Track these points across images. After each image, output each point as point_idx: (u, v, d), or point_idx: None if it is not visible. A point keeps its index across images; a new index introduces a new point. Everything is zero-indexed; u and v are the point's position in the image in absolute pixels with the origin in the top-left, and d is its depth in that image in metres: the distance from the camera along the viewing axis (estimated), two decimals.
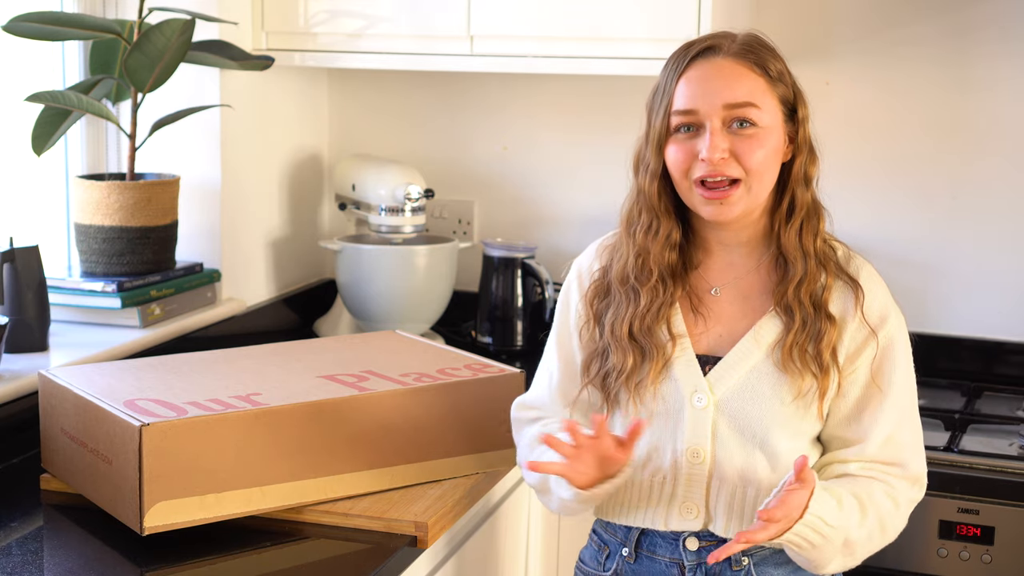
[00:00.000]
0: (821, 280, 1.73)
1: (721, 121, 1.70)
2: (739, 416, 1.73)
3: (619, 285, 1.79)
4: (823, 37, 2.83)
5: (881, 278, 1.78)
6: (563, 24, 2.59)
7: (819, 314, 1.71)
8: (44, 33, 2.30)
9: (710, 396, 1.74)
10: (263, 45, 2.77)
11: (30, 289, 2.28)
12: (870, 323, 1.73)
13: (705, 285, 1.80)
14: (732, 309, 1.78)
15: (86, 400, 1.86)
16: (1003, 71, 2.73)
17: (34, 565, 1.73)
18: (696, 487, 1.75)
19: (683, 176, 1.72)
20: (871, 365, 1.73)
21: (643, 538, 1.81)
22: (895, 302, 1.77)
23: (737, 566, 1.76)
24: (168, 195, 2.52)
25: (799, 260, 1.73)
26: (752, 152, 1.69)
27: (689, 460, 1.74)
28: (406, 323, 2.79)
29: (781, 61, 1.75)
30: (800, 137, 1.75)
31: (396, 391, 1.95)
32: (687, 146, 1.72)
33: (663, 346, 1.75)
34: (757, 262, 1.78)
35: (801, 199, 1.75)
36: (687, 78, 1.72)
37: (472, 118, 3.07)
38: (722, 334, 1.77)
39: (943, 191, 2.80)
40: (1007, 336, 2.79)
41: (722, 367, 1.75)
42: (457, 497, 1.95)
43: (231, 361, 2.08)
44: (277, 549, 1.82)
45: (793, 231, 1.74)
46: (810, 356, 1.71)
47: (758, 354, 1.74)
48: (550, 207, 3.02)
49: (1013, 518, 2.23)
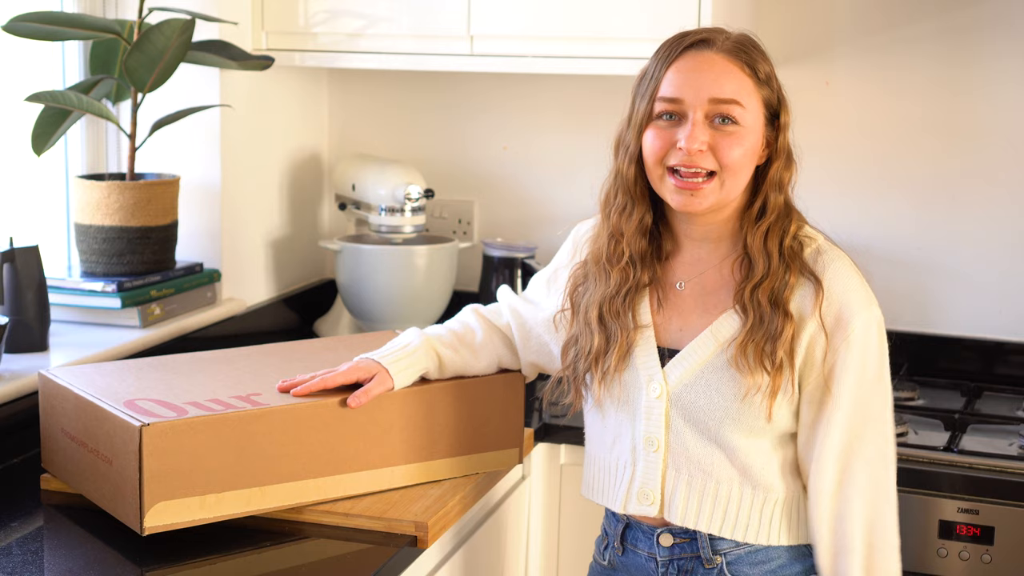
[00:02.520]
0: (784, 278, 1.73)
1: (704, 114, 1.71)
2: (691, 408, 1.76)
3: (593, 265, 1.85)
4: (823, 37, 2.83)
5: (855, 275, 1.76)
6: (563, 24, 2.59)
7: (776, 312, 1.72)
8: (44, 33, 2.30)
9: (664, 387, 1.77)
10: (263, 45, 2.77)
11: (30, 289, 2.28)
12: (828, 325, 1.72)
13: (671, 278, 1.82)
14: (694, 304, 1.80)
15: (86, 400, 1.86)
16: (1003, 71, 2.73)
17: (34, 565, 1.73)
18: (652, 474, 1.79)
19: (656, 163, 1.74)
20: (823, 366, 1.73)
21: (627, 532, 1.86)
22: (867, 302, 1.74)
23: (710, 564, 1.78)
24: (168, 195, 2.52)
25: (761, 260, 1.74)
26: (730, 149, 1.71)
27: (645, 448, 1.79)
28: (406, 323, 2.78)
29: (770, 65, 1.77)
30: (779, 143, 1.76)
31: (396, 391, 1.95)
32: (666, 133, 1.73)
33: (628, 331, 1.79)
34: (722, 260, 1.80)
35: (773, 203, 1.76)
36: (677, 67, 1.74)
37: (472, 118, 3.07)
38: (683, 328, 1.80)
39: (943, 191, 2.80)
40: (1007, 336, 2.78)
41: (678, 359, 1.77)
42: (457, 497, 1.95)
43: (231, 361, 2.08)
44: (277, 549, 1.82)
45: (759, 233, 1.75)
46: (765, 354, 1.71)
47: (714, 349, 1.76)
48: (550, 207, 3.02)
49: (1013, 518, 2.23)
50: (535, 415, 2.43)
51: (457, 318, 2.06)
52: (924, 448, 2.35)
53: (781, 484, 1.77)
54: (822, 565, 1.75)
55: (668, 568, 1.81)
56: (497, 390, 2.05)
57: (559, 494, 2.45)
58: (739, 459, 1.75)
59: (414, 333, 1.98)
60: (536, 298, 2.01)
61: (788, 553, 1.80)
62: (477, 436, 2.04)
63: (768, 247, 1.74)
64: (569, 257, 1.95)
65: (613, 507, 1.85)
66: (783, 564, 1.79)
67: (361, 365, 1.91)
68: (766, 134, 1.76)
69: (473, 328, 2.02)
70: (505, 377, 2.06)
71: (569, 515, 2.45)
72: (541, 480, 2.44)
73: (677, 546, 1.80)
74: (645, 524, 1.83)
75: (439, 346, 1.97)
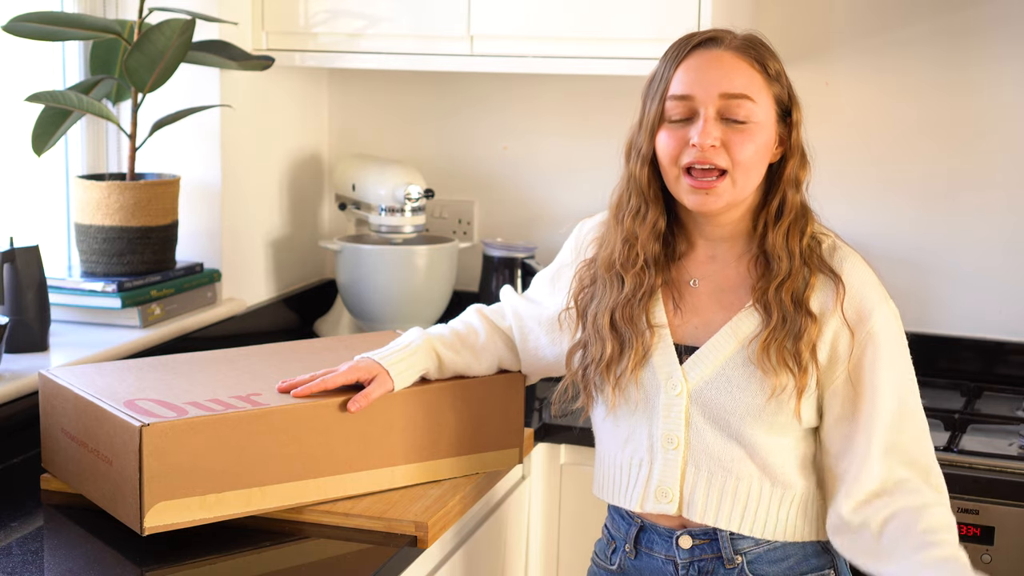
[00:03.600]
0: (804, 276, 1.74)
1: (716, 110, 1.71)
2: (712, 406, 1.75)
3: (604, 271, 1.83)
4: (823, 37, 2.83)
5: (869, 269, 1.77)
6: (563, 24, 2.59)
7: (799, 311, 1.72)
8: (44, 33, 2.30)
9: (684, 384, 1.76)
10: (263, 45, 2.77)
11: (30, 289, 2.28)
12: (851, 320, 1.73)
13: (685, 276, 1.82)
14: (710, 301, 1.80)
15: (86, 400, 1.86)
16: (1002, 71, 2.73)
17: (34, 565, 1.74)
18: (671, 472, 1.78)
19: (672, 163, 1.74)
20: (856, 362, 1.73)
21: (641, 535, 1.84)
22: (884, 296, 1.76)
23: (731, 564, 1.77)
24: (168, 195, 2.52)
25: (784, 259, 1.74)
26: (743, 145, 1.71)
27: (664, 446, 1.78)
28: (406, 323, 2.78)
29: (779, 63, 1.77)
30: (793, 140, 1.76)
31: (396, 391, 1.95)
32: (679, 133, 1.73)
33: (643, 335, 1.78)
34: (737, 258, 1.80)
35: (791, 201, 1.76)
36: (686, 66, 1.74)
37: (472, 118, 3.07)
38: (699, 325, 1.79)
39: (943, 191, 2.80)
40: (1007, 336, 2.79)
41: (698, 356, 1.77)
42: (457, 497, 1.95)
43: (231, 361, 2.08)
44: (277, 549, 1.82)
45: (781, 232, 1.75)
46: (788, 353, 1.71)
47: (734, 346, 1.75)
48: (550, 207, 3.02)
49: (1013, 518, 2.23)
50: (535, 415, 2.43)
51: (461, 318, 2.06)
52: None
53: (799, 480, 1.77)
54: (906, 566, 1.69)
55: (688, 570, 1.79)
56: (497, 390, 2.05)
57: (559, 494, 2.45)
58: (760, 455, 1.74)
59: (416, 333, 1.98)
60: (539, 297, 2.01)
61: (804, 550, 1.80)
62: (477, 436, 2.04)
63: (790, 246, 1.74)
64: (573, 255, 1.94)
65: (629, 506, 1.82)
66: (799, 561, 1.79)
67: (361, 365, 1.91)
68: (779, 131, 1.76)
69: (476, 329, 2.02)
70: (505, 377, 2.06)
71: (569, 515, 2.45)
72: (541, 480, 2.44)
73: (697, 547, 1.79)
74: (661, 526, 1.81)
75: (440, 347, 1.97)
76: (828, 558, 1.81)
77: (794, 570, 1.79)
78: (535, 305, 2.00)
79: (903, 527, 1.69)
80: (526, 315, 2.00)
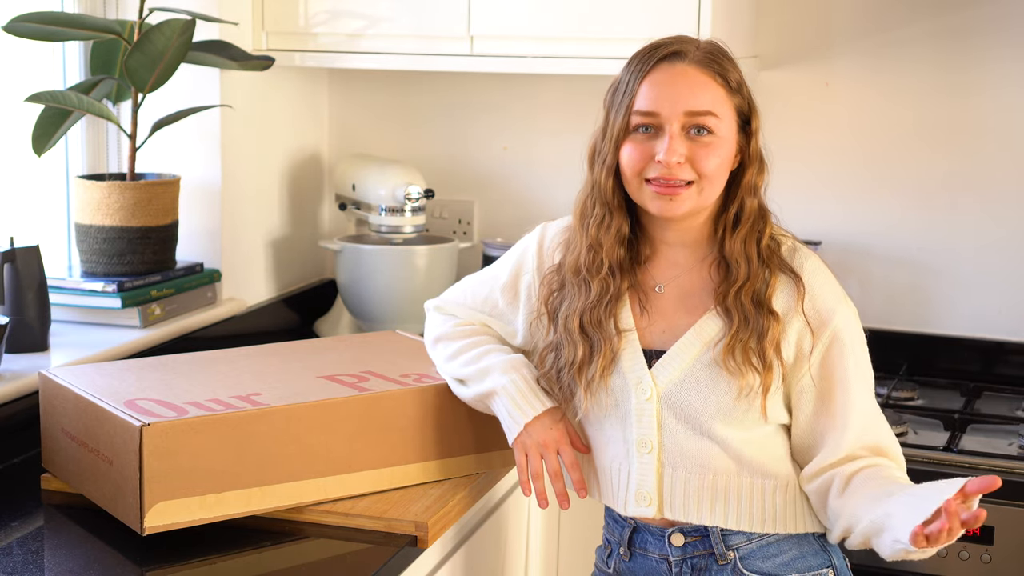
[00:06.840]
0: (764, 278, 1.76)
1: (681, 126, 1.74)
2: (682, 407, 1.77)
3: (572, 276, 1.84)
4: (823, 38, 2.83)
5: (828, 271, 1.80)
6: (563, 24, 2.59)
7: (761, 311, 1.74)
8: (44, 33, 2.30)
9: (654, 388, 1.78)
10: (263, 45, 2.77)
11: (30, 289, 2.28)
12: (812, 320, 1.75)
13: (650, 281, 1.83)
14: (675, 306, 1.82)
15: (87, 400, 1.87)
16: (1002, 72, 2.73)
17: (34, 565, 1.74)
18: (647, 476, 1.79)
19: (635, 175, 1.77)
20: (821, 360, 1.75)
21: (635, 535, 1.86)
22: (842, 295, 1.79)
23: (723, 560, 1.78)
24: (168, 195, 2.52)
25: (742, 264, 1.76)
26: (708, 158, 1.74)
27: (639, 450, 1.79)
28: (406, 323, 2.79)
29: (739, 72, 1.80)
30: (752, 148, 1.79)
31: (396, 391, 1.95)
32: (644, 147, 1.75)
33: (611, 339, 1.80)
34: (699, 262, 1.82)
35: (749, 207, 1.79)
36: (651, 81, 1.75)
37: (472, 118, 3.07)
38: (665, 329, 1.81)
39: (942, 191, 2.80)
40: (1007, 336, 2.79)
41: (665, 360, 1.78)
42: (457, 497, 1.95)
43: (231, 361, 2.08)
44: (277, 549, 1.82)
45: (739, 238, 1.78)
46: (753, 352, 1.73)
47: (700, 348, 1.77)
48: (550, 207, 3.02)
49: (1013, 518, 2.23)
50: None
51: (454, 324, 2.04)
52: (924, 448, 2.36)
53: (780, 468, 1.78)
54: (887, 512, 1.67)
55: (682, 568, 1.81)
56: None
57: None
58: (733, 449, 1.76)
59: (491, 360, 1.92)
60: (498, 311, 1.99)
61: (800, 547, 1.80)
62: (477, 436, 2.04)
63: (747, 251, 1.77)
64: (535, 262, 1.94)
65: (615, 508, 1.84)
66: (795, 557, 1.80)
67: (544, 440, 1.86)
68: (739, 140, 1.78)
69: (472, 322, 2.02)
70: None
71: (569, 515, 2.45)
72: None
73: (689, 545, 1.80)
74: (654, 526, 1.83)
75: (494, 340, 1.97)
76: (826, 557, 1.81)
77: (789, 567, 1.79)
78: (499, 321, 1.99)
79: (869, 474, 1.73)
80: (499, 329, 2.00)
